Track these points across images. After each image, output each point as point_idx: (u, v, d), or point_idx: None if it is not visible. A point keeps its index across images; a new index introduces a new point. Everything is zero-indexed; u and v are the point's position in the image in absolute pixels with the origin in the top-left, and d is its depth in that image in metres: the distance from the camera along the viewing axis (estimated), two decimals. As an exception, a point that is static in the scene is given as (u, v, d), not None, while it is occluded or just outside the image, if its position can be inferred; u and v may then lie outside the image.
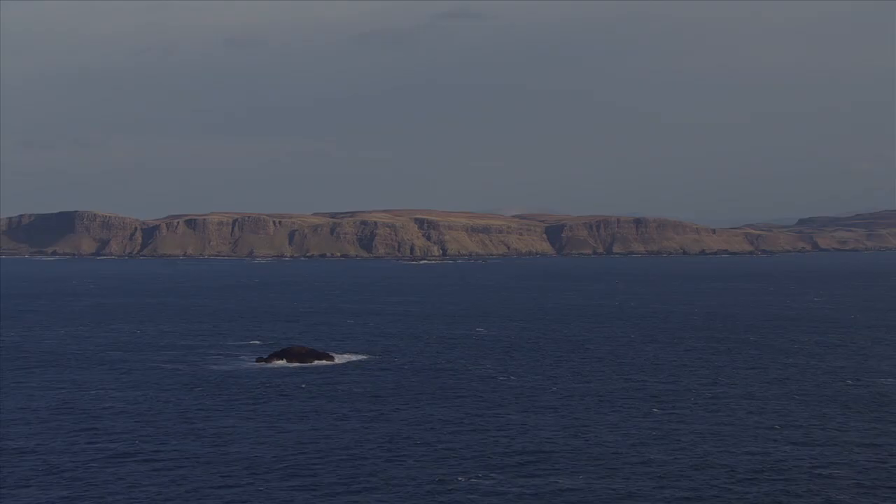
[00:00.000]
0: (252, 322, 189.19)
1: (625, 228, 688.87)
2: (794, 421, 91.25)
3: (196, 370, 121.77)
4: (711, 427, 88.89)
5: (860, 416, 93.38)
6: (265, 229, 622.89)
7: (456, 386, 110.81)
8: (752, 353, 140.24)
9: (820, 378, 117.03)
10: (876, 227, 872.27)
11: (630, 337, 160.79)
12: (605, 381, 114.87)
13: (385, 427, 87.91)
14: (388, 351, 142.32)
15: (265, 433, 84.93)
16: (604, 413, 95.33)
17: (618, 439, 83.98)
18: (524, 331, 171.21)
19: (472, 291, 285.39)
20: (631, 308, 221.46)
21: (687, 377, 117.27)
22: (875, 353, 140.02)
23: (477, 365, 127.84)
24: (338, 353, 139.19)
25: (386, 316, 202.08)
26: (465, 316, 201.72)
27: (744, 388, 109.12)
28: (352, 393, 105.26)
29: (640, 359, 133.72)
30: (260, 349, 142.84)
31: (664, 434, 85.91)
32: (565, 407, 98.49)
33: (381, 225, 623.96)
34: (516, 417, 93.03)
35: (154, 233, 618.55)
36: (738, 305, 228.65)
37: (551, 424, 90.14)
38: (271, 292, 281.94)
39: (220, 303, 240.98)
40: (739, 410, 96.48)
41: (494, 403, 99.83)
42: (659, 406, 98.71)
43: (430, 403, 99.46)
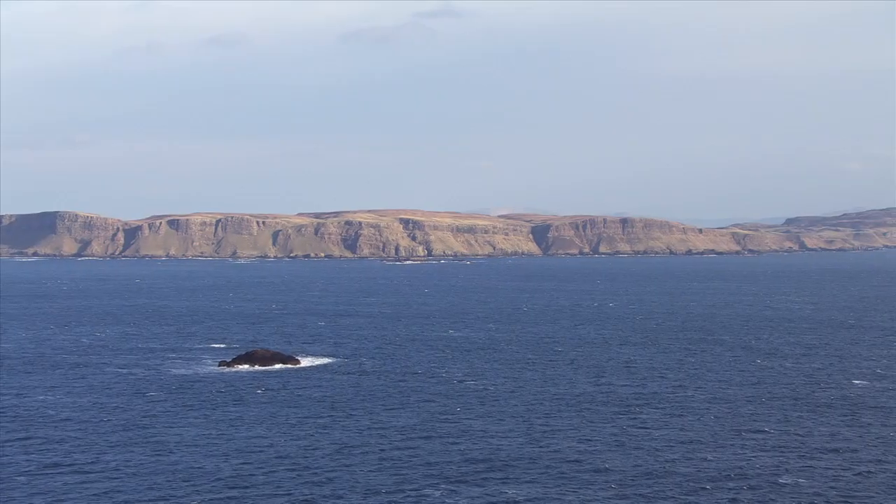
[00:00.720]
0: (221, 324, 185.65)
1: (611, 228, 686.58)
2: (762, 426, 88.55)
3: (153, 375, 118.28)
4: (677, 433, 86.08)
5: (829, 421, 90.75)
6: (249, 230, 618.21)
7: (419, 390, 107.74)
8: (727, 355, 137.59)
9: (794, 380, 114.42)
10: (863, 226, 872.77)
11: (605, 338, 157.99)
12: (573, 384, 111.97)
13: (337, 434, 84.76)
14: (355, 354, 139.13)
15: (212, 441, 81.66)
16: (568, 418, 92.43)
17: (578, 446, 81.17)
18: (498, 332, 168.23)
19: (451, 292, 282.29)
20: (609, 309, 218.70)
21: (657, 380, 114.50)
22: (852, 354, 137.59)
23: (444, 368, 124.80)
24: (304, 356, 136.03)
25: (360, 317, 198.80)
26: (441, 317, 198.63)
27: (714, 392, 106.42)
28: (309, 398, 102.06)
29: (612, 361, 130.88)
30: (224, 352, 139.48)
31: (627, 440, 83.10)
32: (529, 412, 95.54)
33: (365, 225, 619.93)
34: (477, 423, 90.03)
35: (136, 233, 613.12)
36: (718, 306, 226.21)
37: (512, 431, 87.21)
38: (247, 293, 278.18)
39: (191, 304, 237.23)
40: (707, 415, 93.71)
41: (456, 409, 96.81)
42: (625, 411, 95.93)
43: (388, 409, 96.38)
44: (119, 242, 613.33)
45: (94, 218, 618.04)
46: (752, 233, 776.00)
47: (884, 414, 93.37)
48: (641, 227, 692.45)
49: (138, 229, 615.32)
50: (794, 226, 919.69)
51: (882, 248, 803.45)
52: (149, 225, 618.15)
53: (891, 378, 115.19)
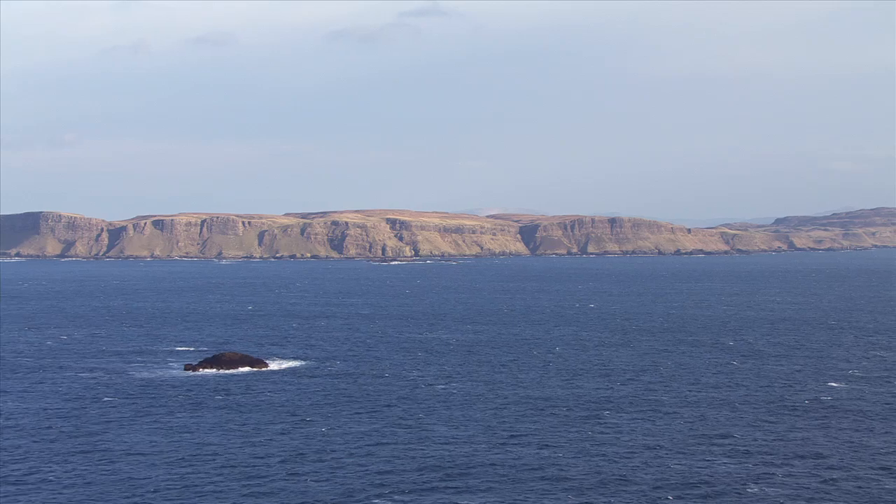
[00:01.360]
0: (194, 326, 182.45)
1: (599, 228, 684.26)
2: (732, 431, 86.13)
3: (113, 379, 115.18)
4: (643, 438, 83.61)
5: (802, 425, 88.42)
6: (234, 230, 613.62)
7: (385, 394, 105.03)
8: (704, 356, 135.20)
9: (770, 383, 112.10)
10: (852, 226, 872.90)
11: (582, 340, 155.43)
12: (544, 387, 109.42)
13: (293, 441, 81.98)
14: (326, 356, 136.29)
15: (160, 450, 78.76)
16: (534, 423, 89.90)
17: (540, 452, 78.69)
18: (476, 334, 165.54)
19: (432, 293, 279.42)
20: (590, 310, 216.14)
21: (631, 383, 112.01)
22: (831, 355, 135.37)
23: (416, 371, 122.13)
24: (273, 359, 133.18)
25: (336, 318, 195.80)
26: (419, 318, 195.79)
27: (687, 395, 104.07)
28: (270, 403, 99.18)
29: (587, 363, 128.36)
30: (192, 355, 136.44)
31: (591, 446, 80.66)
32: (495, 417, 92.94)
33: (352, 225, 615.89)
34: (439, 429, 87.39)
35: (121, 234, 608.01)
36: (700, 306, 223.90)
37: (475, 437, 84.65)
38: (226, 294, 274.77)
39: (167, 305, 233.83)
40: (678, 419, 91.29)
41: (420, 414, 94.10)
42: (594, 415, 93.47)
43: (349, 414, 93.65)
44: (103, 243, 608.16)
45: (77, 218, 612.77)
46: (741, 233, 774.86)
47: (856, 418, 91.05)
48: (630, 226, 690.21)
49: (123, 230, 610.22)
50: (783, 225, 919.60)
51: (871, 247, 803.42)
52: (133, 225, 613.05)
53: (866, 380, 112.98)
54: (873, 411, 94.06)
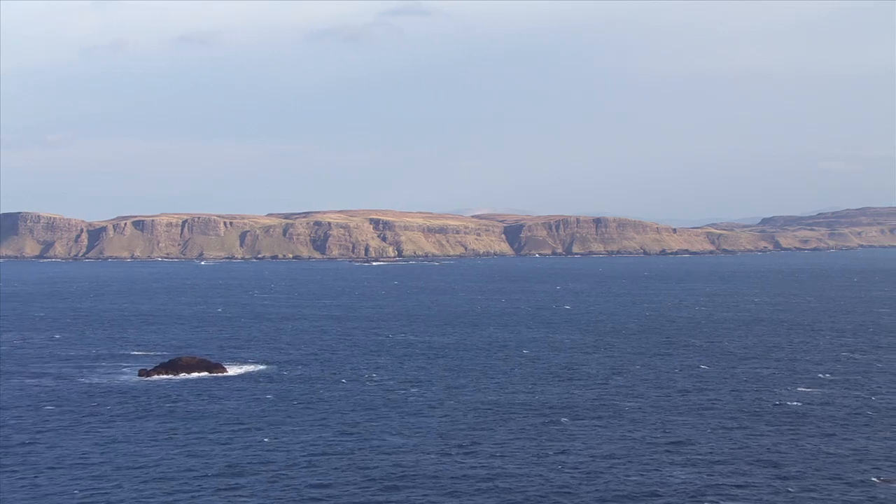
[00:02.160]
0: (160, 328, 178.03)
1: (584, 228, 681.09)
2: (695, 437, 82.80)
3: (61, 386, 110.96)
4: (603, 445, 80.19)
5: (770, 431, 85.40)
6: (216, 230, 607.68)
7: (341, 400, 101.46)
8: (676, 359, 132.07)
9: (739, 386, 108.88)
10: (838, 226, 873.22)
11: (553, 342, 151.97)
12: (508, 392, 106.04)
13: (234, 452, 78.18)
14: (289, 360, 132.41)
15: (91, 462, 74.86)
16: (491, 430, 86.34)
17: (493, 462, 75.15)
18: (447, 336, 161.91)
19: (410, 294, 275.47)
20: (566, 311, 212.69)
21: (597, 387, 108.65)
22: (806, 358, 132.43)
23: (377, 375, 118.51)
24: (233, 363, 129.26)
25: (306, 320, 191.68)
26: (391, 320, 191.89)
27: (654, 400, 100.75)
28: (219, 411, 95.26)
29: (554, 367, 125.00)
30: (150, 360, 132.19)
31: (546, 455, 77.29)
32: (452, 424, 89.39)
33: (334, 226, 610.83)
34: (392, 438, 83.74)
35: (100, 234, 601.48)
36: (679, 308, 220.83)
37: (427, 445, 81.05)
38: (198, 296, 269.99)
39: (135, 307, 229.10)
40: (641, 425, 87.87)
41: (374, 421, 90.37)
42: (554, 421, 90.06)
43: (300, 422, 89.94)
44: (83, 244, 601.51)
45: (57, 219, 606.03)
46: (727, 232, 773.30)
47: (821, 425, 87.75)
48: (615, 227, 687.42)
49: (103, 230, 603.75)
50: (769, 225, 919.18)
51: (858, 247, 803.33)
52: (113, 226, 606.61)
53: (836, 384, 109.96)
54: (838, 417, 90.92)
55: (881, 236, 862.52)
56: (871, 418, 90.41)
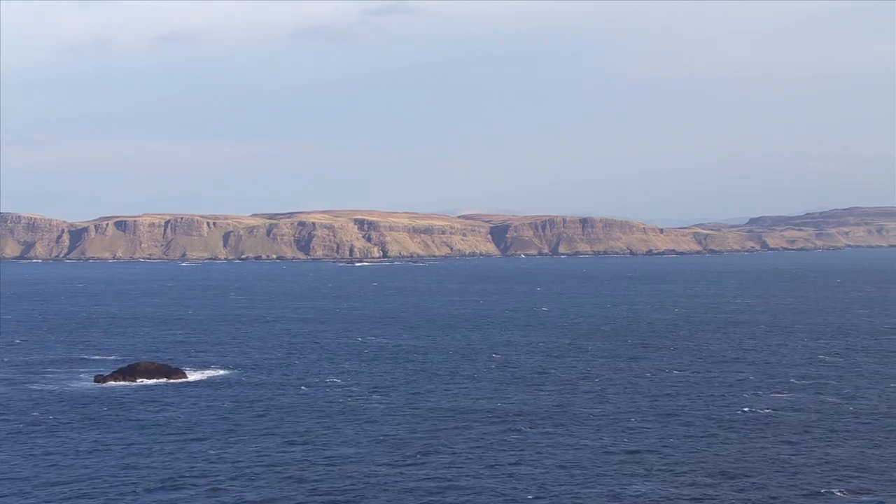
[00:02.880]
0: (126, 331, 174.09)
1: (571, 228, 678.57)
2: (660, 447, 79.71)
3: (10, 392, 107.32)
4: (562, 454, 77.46)
5: (738, 439, 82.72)
6: (199, 231, 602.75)
7: (301, 406, 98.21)
8: (650, 362, 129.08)
9: (712, 391, 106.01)
10: (825, 226, 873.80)
11: (527, 345, 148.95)
12: (473, 398, 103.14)
13: (175, 464, 74.94)
14: (254, 365, 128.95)
15: (19, 476, 71.25)
16: (450, 438, 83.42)
17: (447, 472, 72.21)
18: (419, 339, 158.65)
19: (389, 295, 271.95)
20: (543, 313, 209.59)
21: (567, 393, 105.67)
22: (783, 362, 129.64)
23: (341, 380, 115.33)
24: (195, 368, 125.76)
25: (278, 323, 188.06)
26: (366, 322, 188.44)
27: (623, 405, 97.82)
28: (170, 420, 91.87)
29: (524, 371, 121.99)
30: (110, 364, 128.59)
31: (501, 464, 74.33)
32: (410, 431, 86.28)
33: (319, 226, 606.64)
34: (346, 449, 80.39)
35: (82, 235, 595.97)
36: (658, 309, 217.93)
37: (380, 455, 77.95)
38: (173, 298, 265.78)
39: (106, 309, 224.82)
40: (604, 433, 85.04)
41: (330, 429, 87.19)
42: (516, 429, 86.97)
43: (253, 431, 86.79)
44: (64, 244, 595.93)
45: (38, 219, 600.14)
46: (714, 233, 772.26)
47: (791, 432, 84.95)
48: (602, 227, 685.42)
49: (84, 231, 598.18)
50: (756, 225, 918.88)
51: (845, 247, 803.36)
52: (95, 226, 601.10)
53: (809, 389, 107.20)
54: (808, 424, 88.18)
55: (868, 236, 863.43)
56: (842, 425, 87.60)
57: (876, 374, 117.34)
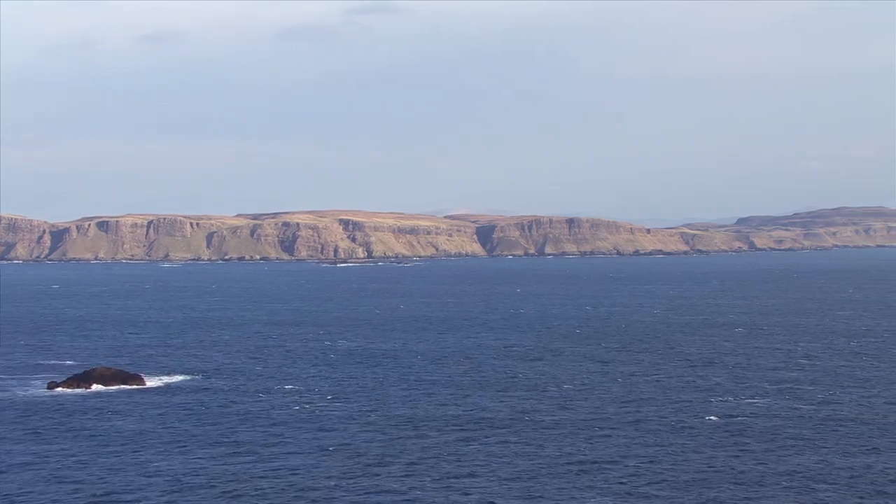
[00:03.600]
0: (90, 334, 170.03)
1: (557, 228, 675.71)
2: (622, 456, 76.62)
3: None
4: (522, 465, 74.18)
5: (705, 447, 79.72)
6: (182, 231, 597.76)
7: (257, 414, 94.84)
8: (625, 366, 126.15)
9: (686, 396, 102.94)
10: (813, 226, 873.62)
11: (501, 347, 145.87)
12: (438, 404, 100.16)
13: (110, 478, 71.34)
14: (217, 370, 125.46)
15: (-56, 491, 67.37)
16: (406, 448, 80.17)
17: (397, 486, 68.79)
18: (391, 342, 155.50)
19: (366, 297, 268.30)
20: (521, 315, 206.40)
21: (535, 398, 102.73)
22: (759, 365, 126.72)
23: (306, 385, 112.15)
24: (154, 374, 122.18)
25: (250, 325, 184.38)
26: (339, 325, 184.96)
27: (594, 411, 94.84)
28: (117, 430, 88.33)
29: (494, 375, 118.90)
30: (67, 370, 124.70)
31: (457, 475, 71.12)
32: (368, 441, 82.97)
33: (303, 226, 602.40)
34: (296, 459, 76.97)
35: (63, 235, 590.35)
36: (639, 310, 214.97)
37: (334, 465, 74.92)
38: (143, 299, 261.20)
39: (73, 311, 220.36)
40: (568, 442, 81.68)
41: (284, 438, 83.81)
42: (476, 437, 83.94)
43: (201, 441, 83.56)
44: (45, 245, 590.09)
45: (18, 219, 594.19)
46: (701, 233, 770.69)
47: (760, 440, 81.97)
48: (588, 227, 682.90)
49: (66, 231, 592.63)
50: (744, 225, 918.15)
51: (832, 247, 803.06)
52: (77, 227, 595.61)
53: (783, 394, 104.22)
54: (778, 430, 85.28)
55: (856, 236, 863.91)
56: (812, 432, 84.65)
57: (850, 378, 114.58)
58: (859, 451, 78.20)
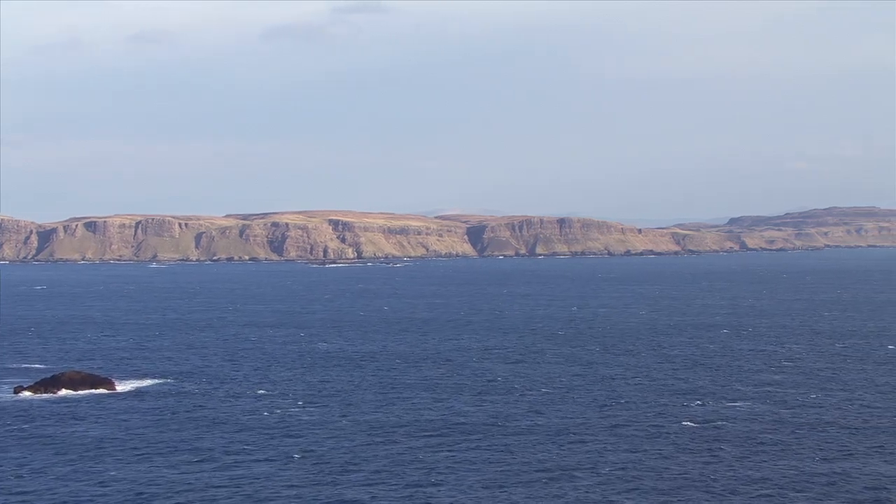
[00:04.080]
0: (65, 337, 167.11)
1: (548, 229, 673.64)
2: (594, 464, 74.45)
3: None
4: (495, 474, 72.01)
5: (681, 454, 77.65)
6: (170, 232, 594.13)
7: (225, 420, 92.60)
8: (607, 368, 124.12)
9: (667, 400, 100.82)
10: (805, 226, 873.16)
11: (482, 350, 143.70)
12: (413, 408, 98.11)
13: (61, 489, 69.08)
14: (189, 373, 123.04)
15: None
16: (373, 455, 78.03)
17: (359, 496, 66.67)
18: (370, 344, 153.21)
19: (352, 298, 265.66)
20: (505, 316, 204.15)
21: (511, 403, 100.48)
22: (742, 367, 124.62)
23: (280, 389, 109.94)
24: (128, 377, 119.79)
25: (230, 327, 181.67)
26: (320, 327, 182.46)
27: (568, 417, 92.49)
28: (77, 437, 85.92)
29: (471, 379, 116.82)
30: (37, 374, 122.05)
31: (423, 486, 68.85)
32: (335, 449, 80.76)
33: (292, 227, 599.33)
34: (260, 467, 74.81)
35: (51, 236, 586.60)
36: (625, 311, 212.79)
37: (299, 474, 72.73)
38: (126, 301, 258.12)
39: (52, 313, 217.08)
40: (540, 449, 79.57)
41: (249, 445, 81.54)
42: (448, 444, 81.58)
43: (163, 448, 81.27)
44: (32, 246, 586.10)
45: (5, 220, 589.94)
46: (693, 233, 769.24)
47: (736, 447, 79.89)
48: (579, 227, 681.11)
49: (53, 232, 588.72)
50: (736, 226, 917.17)
51: (824, 247, 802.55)
52: (64, 227, 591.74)
53: (763, 398, 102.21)
54: (755, 436, 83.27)
55: (847, 236, 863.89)
56: (790, 437, 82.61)
57: (833, 381, 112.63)
58: (837, 457, 76.19)
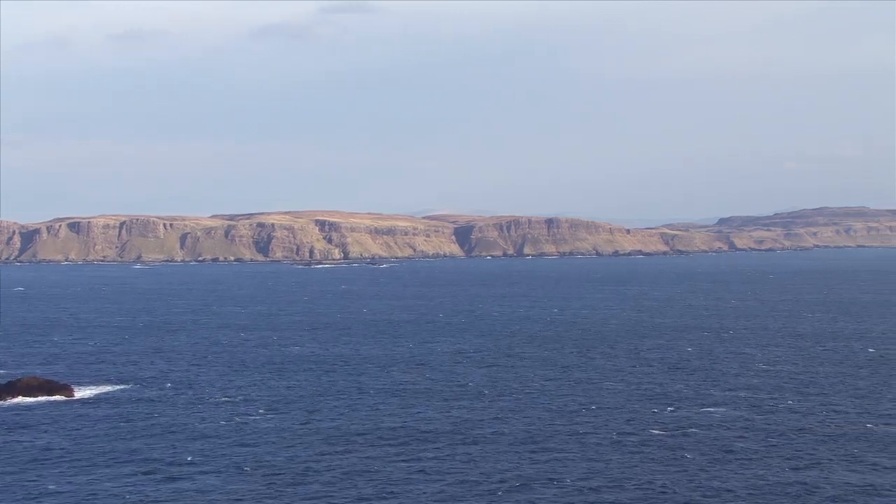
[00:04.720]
0: (31, 340, 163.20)
1: (536, 229, 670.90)
2: (558, 474, 71.86)
3: None
4: (451, 487, 69.41)
5: (649, 463, 75.25)
6: (155, 232, 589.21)
7: (180, 428, 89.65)
8: (582, 372, 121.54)
9: (639, 406, 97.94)
10: (794, 226, 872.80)
11: (458, 353, 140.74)
12: (375, 416, 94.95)
13: None
14: (154, 379, 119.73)
15: None
16: (329, 466, 75.28)
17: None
18: (344, 347, 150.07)
19: (331, 300, 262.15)
20: (485, 317, 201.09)
21: (480, 409, 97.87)
22: (721, 371, 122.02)
23: (243, 394, 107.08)
24: (88, 383, 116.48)
25: (203, 330, 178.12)
26: (295, 329, 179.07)
27: (536, 424, 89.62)
28: (22, 448, 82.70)
29: (443, 383, 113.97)
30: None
31: (380, 498, 66.61)
32: (290, 459, 77.44)
33: (278, 227, 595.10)
34: (207, 481, 71.72)
35: (34, 237, 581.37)
36: (606, 313, 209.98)
37: (248, 486, 69.78)
38: (101, 302, 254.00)
39: (21, 315, 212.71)
40: (505, 459, 77.09)
41: (202, 455, 78.80)
42: (405, 453, 78.69)
43: (111, 460, 78.30)
44: (15, 246, 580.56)
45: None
46: (681, 233, 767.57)
47: (705, 455, 77.20)
48: (567, 227, 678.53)
49: (36, 232, 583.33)
50: (725, 226, 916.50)
51: (813, 247, 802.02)
52: (47, 228, 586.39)
53: (739, 403, 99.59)
54: (725, 443, 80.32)
55: (836, 236, 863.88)
56: (761, 445, 79.88)
57: (811, 385, 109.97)
58: (806, 466, 73.44)
